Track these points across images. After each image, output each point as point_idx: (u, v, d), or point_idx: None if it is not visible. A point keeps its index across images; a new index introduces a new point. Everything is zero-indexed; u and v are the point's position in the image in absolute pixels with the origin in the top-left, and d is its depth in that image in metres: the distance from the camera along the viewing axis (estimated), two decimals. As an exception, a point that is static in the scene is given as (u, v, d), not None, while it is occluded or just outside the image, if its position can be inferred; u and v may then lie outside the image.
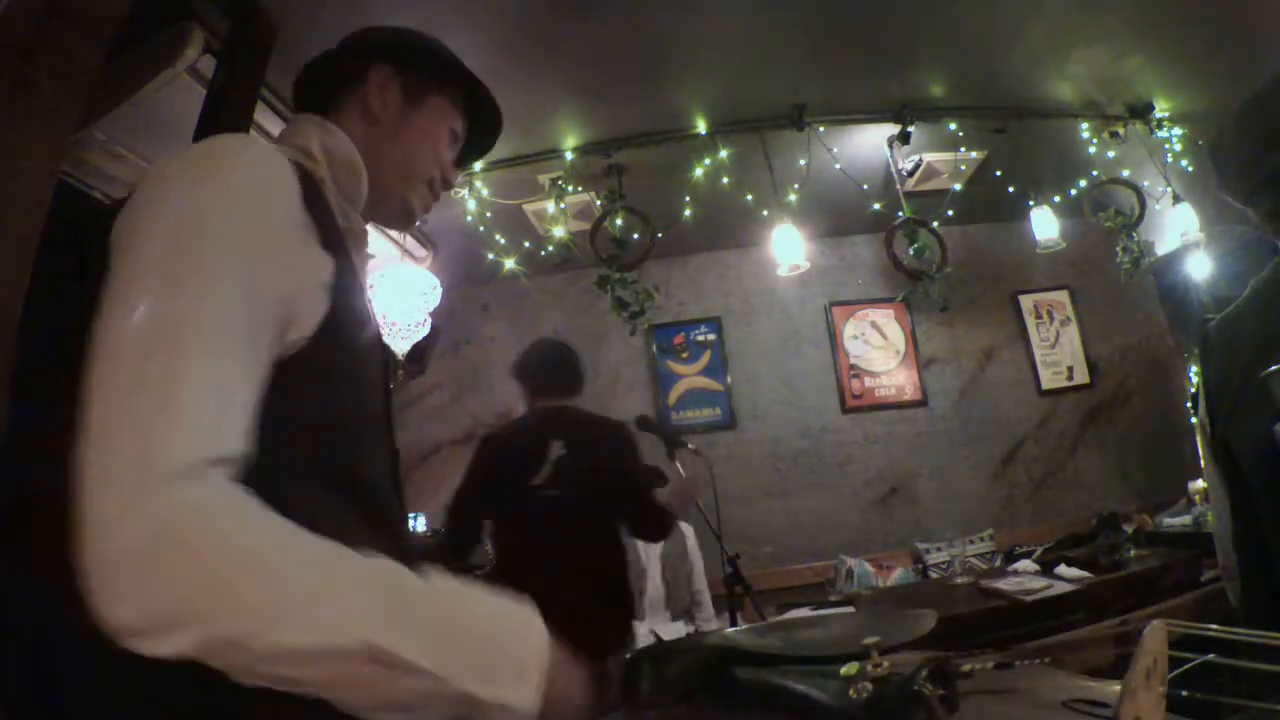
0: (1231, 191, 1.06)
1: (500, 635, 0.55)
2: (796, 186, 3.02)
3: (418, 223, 3.08)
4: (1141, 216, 3.22)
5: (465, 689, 0.50)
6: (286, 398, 0.57)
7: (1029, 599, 2.22)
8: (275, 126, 2.39)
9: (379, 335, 0.75)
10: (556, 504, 1.98)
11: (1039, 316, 4.03)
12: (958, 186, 3.37)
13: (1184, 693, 0.45)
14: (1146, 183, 3.30)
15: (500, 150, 2.90)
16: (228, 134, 0.70)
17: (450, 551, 2.14)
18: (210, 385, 0.51)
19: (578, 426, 2.16)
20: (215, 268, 0.55)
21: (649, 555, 2.92)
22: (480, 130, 0.98)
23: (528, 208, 3.11)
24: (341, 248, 0.67)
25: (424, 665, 0.49)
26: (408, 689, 0.49)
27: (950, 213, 3.35)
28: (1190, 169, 3.10)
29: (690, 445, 2.25)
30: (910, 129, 2.82)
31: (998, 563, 3.28)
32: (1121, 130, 3.04)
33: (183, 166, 0.63)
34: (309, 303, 0.61)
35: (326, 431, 0.61)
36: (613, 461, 2.10)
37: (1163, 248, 3.55)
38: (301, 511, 0.52)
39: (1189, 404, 1.06)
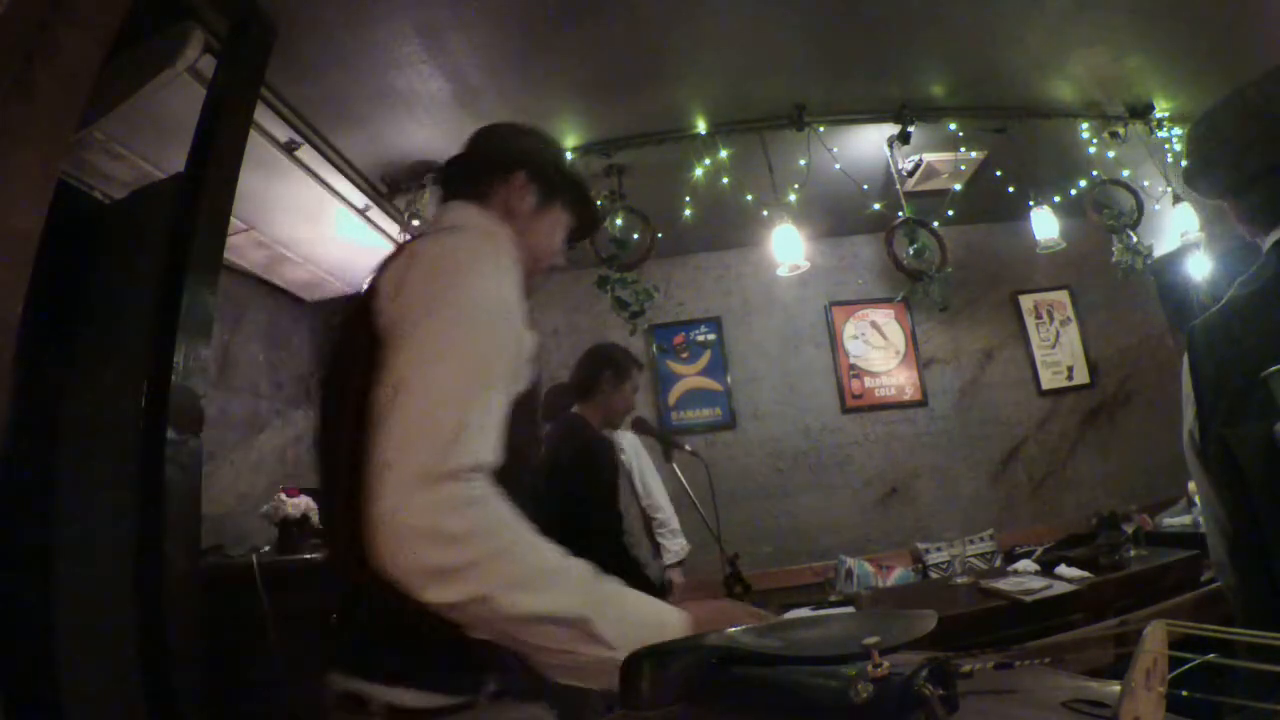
0: (1207, 188, 1.06)
1: (654, 624, 0.72)
2: (796, 186, 3.02)
3: (416, 223, 3.09)
4: (1140, 217, 3.22)
5: (623, 642, 0.67)
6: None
7: (1029, 599, 2.22)
8: (276, 126, 2.39)
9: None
10: None
11: (1039, 316, 4.03)
12: (958, 186, 3.37)
13: (1184, 693, 0.45)
14: (1147, 183, 3.31)
15: (500, 150, 2.90)
16: (480, 231, 0.93)
17: None
18: (489, 415, 0.72)
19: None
20: (503, 336, 0.78)
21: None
22: (583, 226, 1.19)
23: (528, 208, 3.11)
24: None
25: (609, 639, 0.67)
26: (590, 656, 0.67)
27: (950, 213, 3.35)
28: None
29: (688, 447, 2.25)
30: (910, 129, 2.82)
31: (998, 563, 3.28)
32: (1121, 130, 3.04)
33: (460, 256, 0.83)
34: (527, 369, 0.84)
35: (510, 454, 0.76)
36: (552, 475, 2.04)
37: (1162, 248, 3.55)
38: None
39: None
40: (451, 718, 0.75)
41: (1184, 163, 1.08)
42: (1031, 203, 3.22)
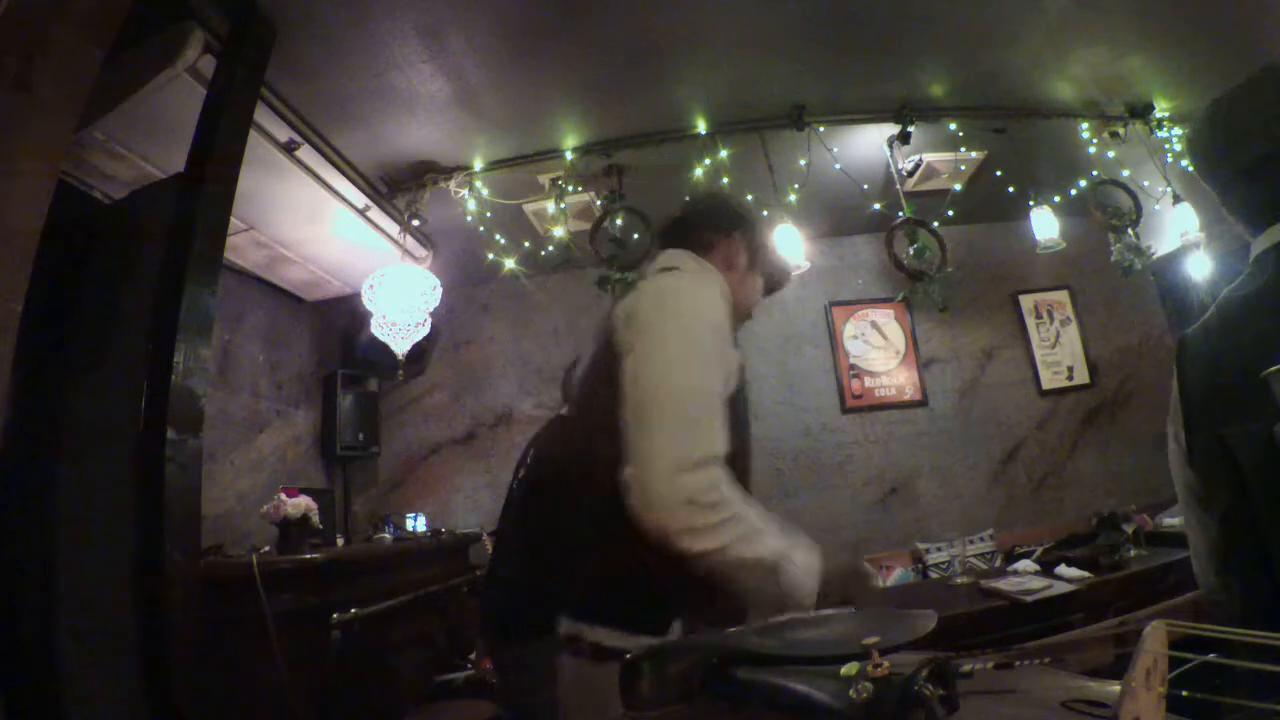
0: (1207, 182, 1.07)
1: (811, 570, 0.99)
2: (796, 186, 3.02)
3: (416, 223, 3.08)
4: (1139, 217, 3.22)
5: (805, 583, 0.97)
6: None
7: (1029, 599, 2.22)
8: (275, 126, 2.39)
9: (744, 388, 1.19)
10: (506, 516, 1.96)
11: (1039, 316, 4.03)
12: (958, 186, 3.37)
13: (1184, 693, 0.45)
14: (1147, 183, 3.30)
15: (500, 150, 2.92)
16: (698, 270, 1.21)
17: None
18: (716, 415, 1.00)
19: (536, 443, 2.05)
20: (716, 352, 1.05)
21: None
22: (774, 288, 1.46)
23: (528, 208, 3.11)
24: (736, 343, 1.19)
25: (790, 577, 0.96)
26: (775, 592, 0.95)
27: (950, 213, 3.35)
28: (1190, 169, 3.09)
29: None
30: (910, 129, 2.82)
31: (998, 563, 3.28)
32: (1121, 130, 3.04)
33: (683, 288, 1.13)
34: (736, 376, 1.09)
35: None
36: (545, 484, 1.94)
37: (1163, 248, 3.55)
38: None
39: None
40: None
41: (1183, 163, 1.10)
42: (1031, 203, 3.22)
